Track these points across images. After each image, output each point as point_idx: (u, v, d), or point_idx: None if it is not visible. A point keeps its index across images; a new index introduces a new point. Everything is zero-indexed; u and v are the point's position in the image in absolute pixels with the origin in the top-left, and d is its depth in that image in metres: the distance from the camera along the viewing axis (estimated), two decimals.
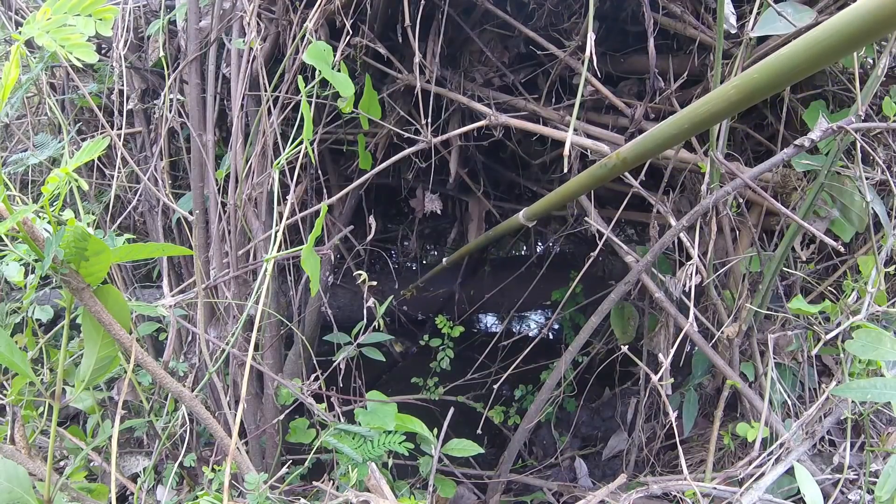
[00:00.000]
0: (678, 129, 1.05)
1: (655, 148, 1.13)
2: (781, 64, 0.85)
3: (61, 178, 0.95)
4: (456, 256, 2.41)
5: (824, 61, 0.82)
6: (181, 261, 2.31)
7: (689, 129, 1.03)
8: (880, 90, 1.48)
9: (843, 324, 1.47)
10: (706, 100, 0.97)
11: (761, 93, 0.90)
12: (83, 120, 2.32)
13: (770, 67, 0.86)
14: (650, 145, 1.13)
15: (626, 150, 1.18)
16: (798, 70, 0.84)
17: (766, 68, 0.87)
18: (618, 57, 2.00)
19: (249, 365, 1.14)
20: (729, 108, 0.95)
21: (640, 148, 1.16)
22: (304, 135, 1.30)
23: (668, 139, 1.09)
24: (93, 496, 1.39)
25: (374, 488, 1.31)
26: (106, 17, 0.87)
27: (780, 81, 0.87)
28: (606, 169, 1.24)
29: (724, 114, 0.97)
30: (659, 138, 1.10)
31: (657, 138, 1.10)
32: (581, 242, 3.80)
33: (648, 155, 1.18)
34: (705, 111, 0.98)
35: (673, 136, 1.07)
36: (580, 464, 2.36)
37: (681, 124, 1.04)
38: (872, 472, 1.46)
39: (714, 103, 0.96)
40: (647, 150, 1.15)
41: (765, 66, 0.87)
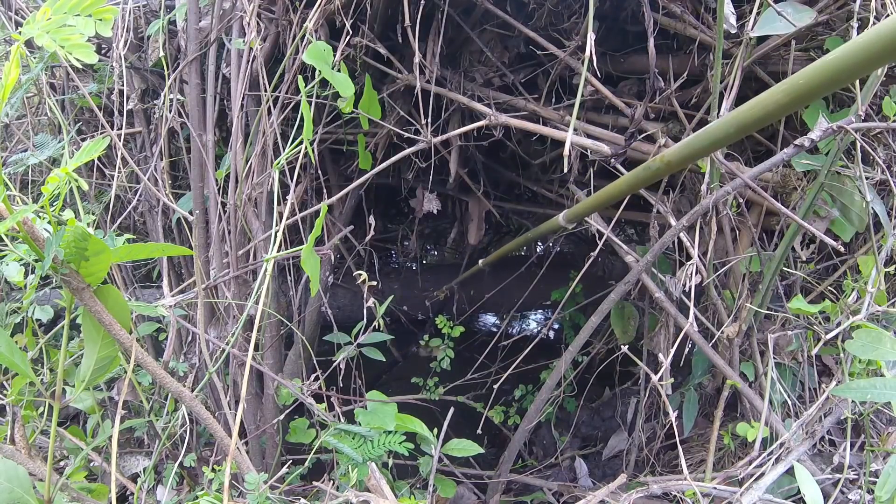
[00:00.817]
0: (725, 132, 1.04)
1: (702, 150, 1.13)
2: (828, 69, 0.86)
3: (61, 178, 0.95)
4: (493, 257, 2.45)
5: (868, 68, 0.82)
6: (181, 261, 2.31)
7: (736, 132, 1.03)
8: (880, 90, 1.48)
9: (843, 324, 1.47)
10: (754, 103, 0.97)
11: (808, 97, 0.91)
12: (83, 120, 2.32)
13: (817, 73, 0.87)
14: (696, 147, 1.12)
15: (671, 153, 1.18)
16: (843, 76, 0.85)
17: (813, 74, 0.88)
18: (618, 57, 2.00)
19: (249, 365, 1.14)
20: (777, 111, 0.95)
21: (685, 150, 1.15)
22: (304, 135, 1.30)
23: (715, 142, 1.08)
24: (93, 496, 1.39)
25: (375, 488, 1.31)
26: (106, 18, 0.87)
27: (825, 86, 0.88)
28: (650, 171, 1.23)
29: (773, 117, 0.97)
30: (706, 140, 1.09)
31: (704, 140, 1.09)
32: (581, 242, 3.80)
33: (694, 157, 1.17)
34: (753, 114, 0.98)
35: (720, 139, 1.07)
36: (580, 464, 2.36)
37: (727, 128, 1.03)
38: (872, 471, 1.46)
39: (763, 107, 0.96)
40: (693, 153, 1.14)
41: (811, 72, 0.88)
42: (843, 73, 0.85)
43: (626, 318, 2.16)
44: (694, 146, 1.12)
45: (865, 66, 0.82)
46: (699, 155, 1.16)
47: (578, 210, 1.63)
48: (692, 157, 1.17)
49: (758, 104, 0.97)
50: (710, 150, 1.14)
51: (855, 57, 0.82)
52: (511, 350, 2.52)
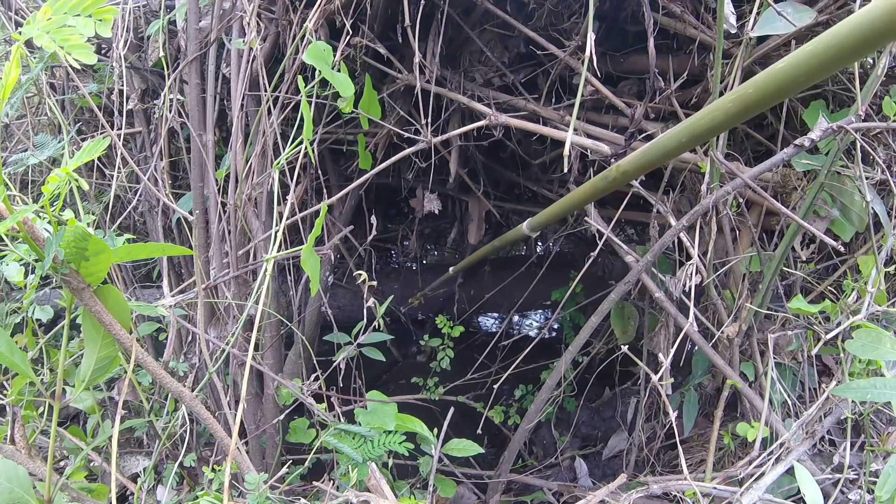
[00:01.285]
0: (677, 141, 1.06)
1: (655, 160, 1.15)
2: (776, 78, 0.85)
3: (61, 178, 0.95)
4: (463, 265, 2.46)
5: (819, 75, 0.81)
6: (181, 261, 2.31)
7: (688, 141, 1.04)
8: (880, 90, 1.48)
9: (843, 323, 1.47)
10: (705, 112, 0.99)
11: (757, 107, 0.91)
12: (83, 120, 2.32)
13: (766, 82, 0.87)
14: (650, 157, 1.15)
15: (626, 163, 1.21)
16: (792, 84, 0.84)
17: (762, 82, 0.88)
18: (618, 57, 2.00)
19: (249, 365, 1.14)
20: (727, 121, 0.96)
21: (640, 160, 1.17)
22: (304, 135, 1.30)
23: (668, 151, 1.10)
24: (93, 496, 1.39)
25: (375, 488, 1.31)
26: (105, 18, 0.87)
27: (775, 95, 0.87)
28: (608, 181, 1.27)
29: (723, 127, 0.98)
30: (658, 151, 1.12)
31: (657, 151, 1.12)
32: (581, 242, 3.80)
33: (648, 167, 1.20)
34: (704, 124, 0.99)
35: (672, 149, 1.09)
36: (580, 464, 2.36)
37: (679, 137, 1.05)
38: (872, 471, 1.46)
39: (712, 116, 0.98)
40: (647, 162, 1.17)
41: (761, 81, 0.87)
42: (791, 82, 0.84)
43: (626, 318, 2.16)
44: (648, 156, 1.15)
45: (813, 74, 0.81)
46: (654, 164, 1.18)
47: (541, 219, 1.66)
48: (647, 167, 1.19)
49: (708, 114, 0.98)
50: (663, 160, 1.16)
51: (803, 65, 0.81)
52: (511, 350, 2.52)
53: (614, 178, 1.24)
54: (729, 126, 0.98)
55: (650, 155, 1.14)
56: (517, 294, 3.36)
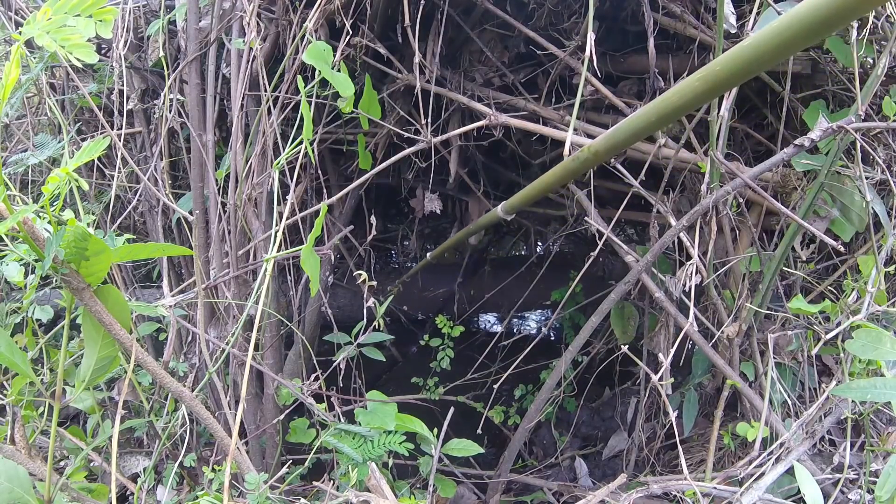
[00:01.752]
0: (646, 121, 1.06)
1: (625, 140, 1.15)
2: (744, 56, 0.86)
3: (62, 178, 0.95)
4: (438, 252, 2.45)
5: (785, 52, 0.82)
6: (181, 261, 2.31)
7: (657, 121, 1.04)
8: (880, 90, 1.48)
9: (843, 323, 1.47)
10: (672, 92, 0.99)
11: (725, 84, 0.92)
12: (83, 120, 2.32)
13: (733, 59, 0.87)
14: (620, 137, 1.15)
15: (597, 143, 1.20)
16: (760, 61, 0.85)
17: (729, 60, 0.88)
18: (618, 57, 2.00)
19: (249, 365, 1.14)
20: (694, 100, 0.96)
21: (610, 141, 1.17)
22: (304, 135, 1.30)
23: (637, 131, 1.10)
24: (93, 496, 1.39)
25: (375, 488, 1.31)
26: (106, 19, 0.87)
27: (742, 72, 0.88)
28: (578, 162, 1.27)
29: (690, 105, 0.98)
30: (628, 131, 1.12)
31: (626, 131, 1.12)
32: (581, 242, 3.80)
33: (619, 147, 1.20)
34: (671, 103, 0.99)
35: (641, 129, 1.09)
36: (580, 463, 2.36)
37: (648, 117, 1.05)
38: (872, 471, 1.46)
39: (680, 95, 0.97)
40: (617, 143, 1.17)
41: (728, 58, 0.88)
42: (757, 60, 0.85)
43: (626, 317, 2.16)
44: (617, 137, 1.15)
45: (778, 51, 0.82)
46: (624, 145, 1.19)
47: (515, 201, 1.65)
48: (618, 147, 1.20)
49: (675, 93, 0.98)
50: (633, 140, 1.17)
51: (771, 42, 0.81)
52: (511, 350, 2.53)
53: (585, 159, 1.25)
54: (696, 105, 0.98)
55: (619, 135, 1.14)
56: (517, 294, 3.36)
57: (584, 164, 1.26)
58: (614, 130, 1.15)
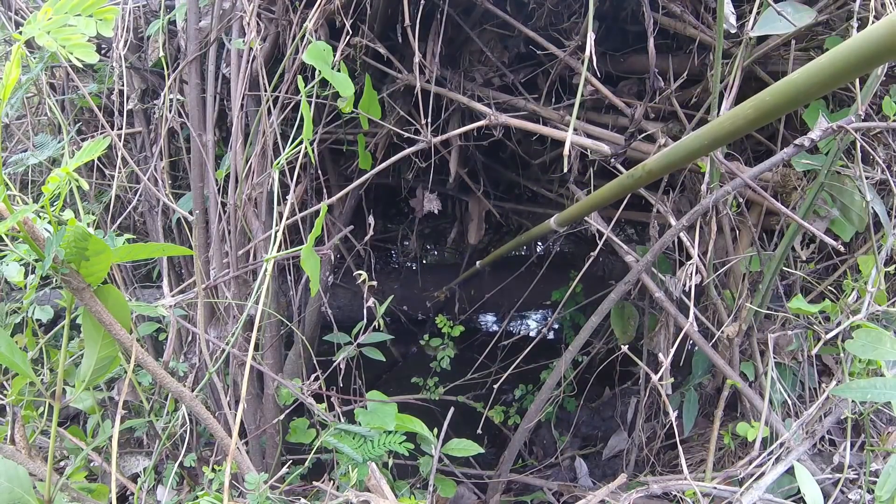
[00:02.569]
0: (700, 144, 1.13)
1: (679, 161, 1.23)
2: (793, 87, 0.92)
3: (62, 178, 0.95)
4: (490, 259, 2.53)
5: (830, 86, 0.88)
6: (181, 261, 2.31)
7: (710, 144, 1.12)
8: (880, 90, 1.48)
9: (843, 323, 1.47)
10: (727, 117, 1.06)
11: (774, 113, 0.99)
12: (83, 120, 2.32)
13: (783, 91, 0.94)
14: (674, 158, 1.22)
15: (652, 163, 1.28)
16: (806, 94, 0.91)
17: (779, 91, 0.95)
18: (618, 57, 2.00)
19: (249, 365, 1.14)
20: (747, 126, 1.03)
21: (664, 160, 1.25)
22: (303, 135, 1.30)
23: (691, 153, 1.18)
24: (93, 496, 1.38)
25: (375, 488, 1.31)
26: (107, 18, 0.87)
27: (791, 103, 0.95)
28: (633, 179, 1.33)
29: (743, 131, 1.05)
30: (682, 152, 1.19)
31: (681, 152, 1.20)
32: (581, 242, 3.80)
33: (673, 167, 1.27)
34: (726, 128, 1.07)
35: (695, 150, 1.16)
36: (580, 463, 2.36)
37: (702, 140, 1.12)
38: (872, 471, 1.46)
39: (733, 121, 1.05)
40: (671, 163, 1.24)
41: (778, 89, 0.94)
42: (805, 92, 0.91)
43: (626, 317, 2.16)
44: (671, 157, 1.23)
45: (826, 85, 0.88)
46: (677, 165, 1.26)
47: (568, 214, 1.69)
48: (672, 167, 1.27)
49: (729, 119, 1.06)
50: (687, 161, 1.26)
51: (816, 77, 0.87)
52: (511, 350, 2.52)
53: (640, 177, 1.31)
54: (748, 130, 1.05)
55: (674, 156, 1.22)
56: (517, 294, 3.36)
57: (637, 181, 1.32)
58: (669, 151, 1.23)
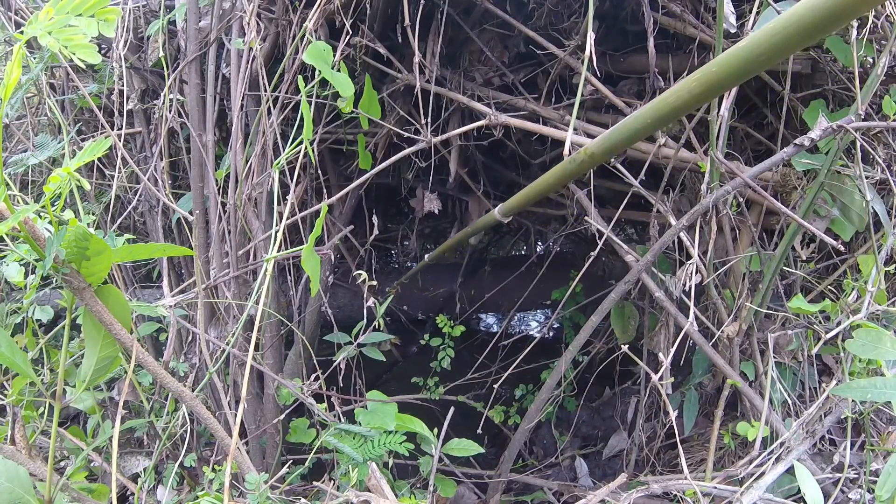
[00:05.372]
0: (642, 122, 1.06)
1: (622, 142, 1.14)
2: (740, 57, 0.85)
3: (63, 178, 0.95)
4: (437, 253, 2.44)
5: (782, 53, 0.81)
6: (181, 261, 2.31)
7: (654, 122, 1.04)
8: (880, 89, 1.48)
9: (843, 323, 1.47)
10: (669, 93, 0.98)
11: (721, 85, 0.91)
12: (83, 120, 2.32)
13: (729, 61, 0.86)
14: (617, 139, 1.14)
15: (594, 146, 1.20)
16: (756, 62, 0.84)
17: (725, 61, 0.87)
18: (617, 56, 2.00)
19: (250, 365, 1.14)
20: (691, 101, 0.95)
21: (606, 143, 1.17)
22: (304, 135, 1.30)
23: (634, 133, 1.10)
24: (93, 496, 1.38)
25: (375, 488, 1.31)
26: (109, 19, 0.86)
27: (739, 74, 0.87)
28: (575, 164, 1.27)
29: (687, 107, 0.97)
30: (625, 132, 1.11)
31: (623, 133, 1.11)
32: (581, 242, 3.80)
33: (616, 149, 1.19)
34: (668, 104, 0.99)
35: (638, 130, 1.08)
36: (580, 463, 2.36)
37: (644, 118, 1.05)
38: (873, 471, 1.46)
39: (677, 96, 0.97)
40: (614, 145, 1.16)
41: (724, 60, 0.87)
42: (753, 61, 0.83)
43: (626, 317, 2.16)
44: (614, 138, 1.14)
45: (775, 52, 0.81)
46: (621, 146, 1.18)
47: (512, 204, 1.65)
48: (615, 149, 1.19)
49: (672, 94, 0.98)
50: (630, 142, 1.15)
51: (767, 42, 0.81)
52: (511, 350, 2.52)
53: (582, 161, 1.24)
54: (693, 106, 0.98)
55: (616, 137, 1.13)
56: (517, 294, 3.36)
57: (580, 166, 1.26)
58: (611, 132, 1.15)
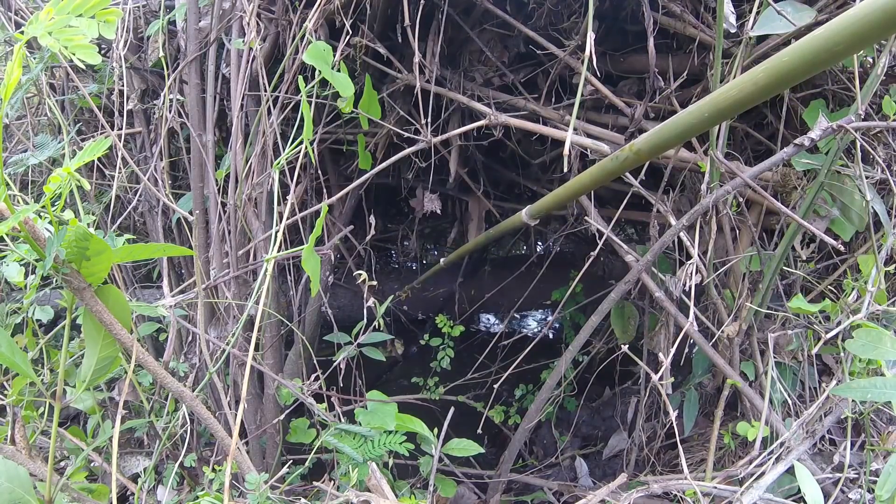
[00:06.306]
0: (699, 117, 0.96)
1: (673, 138, 1.04)
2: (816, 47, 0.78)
3: (63, 178, 0.95)
4: (454, 256, 2.39)
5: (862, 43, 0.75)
6: (181, 261, 2.31)
7: (711, 117, 0.94)
8: (880, 89, 1.48)
9: (843, 323, 1.47)
10: (732, 85, 0.89)
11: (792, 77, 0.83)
12: (83, 120, 2.32)
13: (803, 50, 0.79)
14: (668, 135, 1.03)
15: (641, 142, 1.09)
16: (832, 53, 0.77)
17: (798, 51, 0.80)
18: (617, 56, 2.00)
19: (250, 365, 1.14)
20: (757, 94, 0.86)
21: (656, 139, 1.06)
22: (304, 135, 1.30)
23: (688, 128, 0.99)
24: (93, 496, 1.38)
25: (375, 488, 1.31)
26: (109, 20, 0.86)
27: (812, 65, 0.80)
28: (618, 162, 1.15)
29: (752, 100, 0.88)
30: (678, 128, 1.01)
31: (676, 128, 1.01)
32: (581, 242, 3.80)
33: (666, 146, 1.08)
34: (731, 97, 0.89)
35: (693, 126, 0.98)
36: (581, 463, 2.36)
37: (701, 112, 0.95)
38: (873, 471, 1.46)
39: (741, 88, 0.87)
40: (664, 142, 1.05)
41: (797, 50, 0.80)
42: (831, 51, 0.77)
43: (626, 317, 2.16)
44: (665, 135, 1.03)
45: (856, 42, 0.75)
46: (671, 144, 1.07)
47: (542, 205, 1.56)
48: (664, 146, 1.08)
49: (735, 86, 0.88)
50: (682, 139, 1.05)
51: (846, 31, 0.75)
52: (511, 350, 2.52)
53: (626, 159, 1.12)
54: (758, 99, 0.88)
55: (667, 133, 1.02)
56: (517, 294, 3.36)
57: (623, 164, 1.13)
58: (662, 128, 1.03)
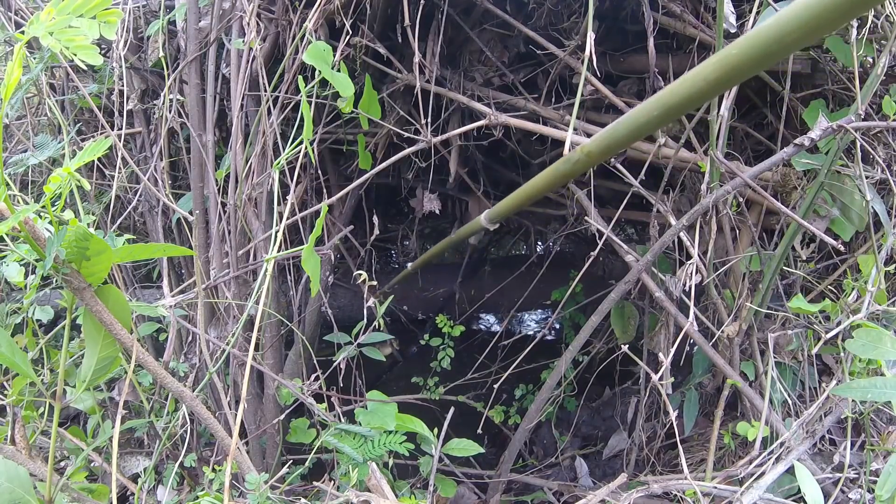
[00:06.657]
0: (647, 117, 0.92)
1: (623, 139, 1.00)
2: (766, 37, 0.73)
3: (63, 178, 0.95)
4: (420, 262, 2.43)
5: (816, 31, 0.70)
6: (181, 261, 2.31)
7: (660, 115, 0.90)
8: (880, 89, 1.48)
9: (843, 323, 1.47)
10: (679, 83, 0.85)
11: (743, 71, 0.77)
12: (83, 120, 2.32)
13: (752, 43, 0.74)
14: (618, 136, 0.99)
15: (591, 144, 1.06)
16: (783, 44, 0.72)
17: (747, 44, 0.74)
18: (617, 56, 2.00)
19: (250, 365, 1.14)
20: (707, 90, 0.82)
21: (605, 140, 1.03)
22: (304, 135, 1.30)
23: (637, 129, 0.95)
24: (94, 497, 1.38)
25: (375, 488, 1.31)
26: (110, 20, 0.86)
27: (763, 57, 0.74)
28: (570, 164, 1.14)
29: (701, 97, 0.84)
30: (626, 129, 0.97)
31: (624, 129, 0.97)
32: (581, 242, 3.80)
33: (616, 147, 1.05)
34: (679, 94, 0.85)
35: (642, 126, 0.94)
36: (581, 463, 2.36)
37: (650, 112, 0.91)
38: (873, 470, 1.46)
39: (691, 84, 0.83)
40: (614, 142, 1.02)
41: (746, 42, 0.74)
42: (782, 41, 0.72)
43: (626, 317, 2.16)
44: (615, 136, 1.00)
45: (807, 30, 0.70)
46: (622, 144, 1.03)
47: (500, 209, 1.54)
48: (615, 147, 1.04)
49: (684, 83, 0.84)
50: (633, 139, 1.01)
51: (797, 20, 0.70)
52: (511, 350, 2.52)
53: (577, 161, 1.11)
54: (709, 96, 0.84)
55: (617, 134, 0.99)
56: (517, 294, 3.36)
57: (576, 166, 1.13)
58: (611, 129, 1.00)
